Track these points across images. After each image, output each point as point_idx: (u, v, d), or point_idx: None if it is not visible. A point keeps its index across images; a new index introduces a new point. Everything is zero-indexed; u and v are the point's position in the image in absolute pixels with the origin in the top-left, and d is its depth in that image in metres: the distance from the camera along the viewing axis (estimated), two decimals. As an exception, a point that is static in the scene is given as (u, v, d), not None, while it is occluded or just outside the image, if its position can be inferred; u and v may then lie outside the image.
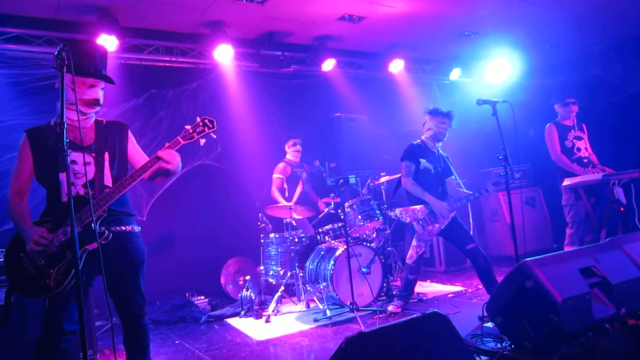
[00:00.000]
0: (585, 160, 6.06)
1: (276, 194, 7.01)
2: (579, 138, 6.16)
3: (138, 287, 3.46)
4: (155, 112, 6.92)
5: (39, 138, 3.30)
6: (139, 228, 3.54)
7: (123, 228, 3.39)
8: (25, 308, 4.26)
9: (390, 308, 5.56)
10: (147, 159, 3.53)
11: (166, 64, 7.03)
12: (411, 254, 5.45)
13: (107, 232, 3.15)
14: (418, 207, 5.37)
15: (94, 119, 3.46)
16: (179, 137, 3.41)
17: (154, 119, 6.81)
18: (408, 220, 5.40)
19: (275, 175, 7.11)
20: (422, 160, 5.50)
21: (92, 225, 3.05)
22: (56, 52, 2.85)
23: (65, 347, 3.19)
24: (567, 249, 5.94)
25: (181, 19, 6.63)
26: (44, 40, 6.07)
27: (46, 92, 5.91)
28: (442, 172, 5.60)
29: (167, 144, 3.36)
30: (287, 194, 7.06)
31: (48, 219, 3.21)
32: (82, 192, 3.24)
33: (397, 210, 5.50)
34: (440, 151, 5.70)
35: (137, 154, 3.61)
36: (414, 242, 5.44)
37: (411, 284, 5.66)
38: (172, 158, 3.33)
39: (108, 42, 6.01)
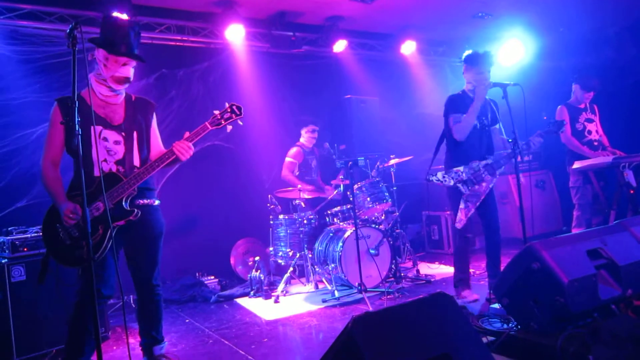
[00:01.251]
0: (596, 144, 6.02)
1: (289, 176, 7.05)
2: (590, 120, 6.11)
3: (155, 258, 3.65)
4: (166, 91, 6.92)
5: (69, 108, 3.35)
6: (159, 202, 3.70)
7: (145, 201, 3.54)
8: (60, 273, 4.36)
9: (467, 294, 5.12)
10: (159, 141, 3.71)
11: (177, 43, 7.02)
12: (460, 217, 4.95)
13: (136, 210, 3.31)
14: (461, 168, 4.98)
15: (124, 95, 3.54)
16: (206, 123, 3.49)
17: (165, 98, 6.82)
18: (452, 183, 4.97)
19: (288, 159, 7.12)
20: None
21: (122, 203, 3.29)
22: (68, 30, 2.86)
23: (101, 308, 3.52)
24: (574, 231, 5.93)
25: (192, -3, 6.61)
26: (57, 17, 6.06)
27: (58, 69, 5.93)
28: (489, 123, 5.08)
29: (187, 134, 3.45)
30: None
31: (80, 193, 3.24)
32: (114, 169, 3.38)
33: (440, 175, 5.02)
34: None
35: (154, 136, 3.69)
36: (461, 205, 4.94)
37: (464, 254, 5.19)
38: (187, 152, 3.44)
39: (119, 20, 6.03)
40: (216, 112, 3.50)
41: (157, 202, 3.69)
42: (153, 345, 3.67)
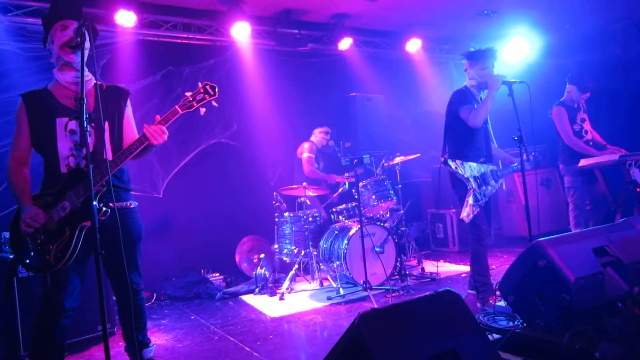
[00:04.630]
0: (591, 143, 5.93)
1: (316, 172, 7.07)
2: (584, 120, 6.03)
3: (135, 263, 3.44)
4: (172, 89, 6.92)
5: (34, 102, 3.20)
6: (136, 203, 3.48)
7: (121, 204, 3.31)
8: (30, 284, 4.20)
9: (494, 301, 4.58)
10: (134, 131, 3.48)
11: (183, 41, 7.04)
12: (468, 212, 4.71)
13: (105, 208, 3.01)
14: (474, 164, 4.82)
15: (93, 82, 3.29)
16: (177, 107, 3.20)
17: (171, 96, 6.82)
18: (467, 174, 4.74)
19: (307, 155, 7.09)
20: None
21: (92, 201, 2.87)
22: (76, 28, 2.86)
23: (65, 323, 3.18)
24: (574, 230, 5.88)
25: (199, -5, 6.62)
26: (64, 14, 6.08)
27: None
28: (485, 121, 4.94)
29: (158, 117, 3.17)
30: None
31: (48, 193, 3.13)
32: (82, 164, 3.14)
33: (458, 162, 4.78)
34: (483, 97, 4.95)
35: (128, 125, 3.45)
36: (470, 200, 4.73)
37: (481, 257, 4.82)
38: (160, 136, 3.15)
39: (127, 17, 6.06)
40: (188, 93, 3.21)
41: (134, 204, 3.44)
42: (142, 350, 3.49)
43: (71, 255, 3.00)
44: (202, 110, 3.25)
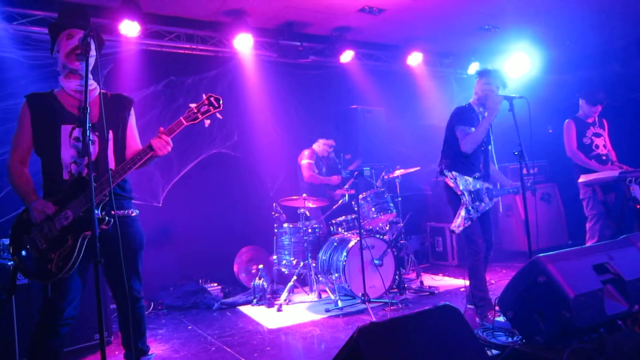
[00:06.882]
0: (604, 158, 5.98)
1: (315, 176, 7.10)
2: (598, 135, 6.08)
3: (136, 271, 3.44)
4: (174, 99, 6.96)
5: (39, 105, 3.20)
6: (138, 211, 3.49)
7: (123, 212, 3.32)
8: (31, 291, 4.24)
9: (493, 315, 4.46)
10: (137, 140, 3.48)
11: (186, 52, 7.08)
12: (459, 224, 4.72)
13: (107, 217, 3.01)
14: (470, 179, 4.81)
15: (98, 91, 3.29)
16: (181, 118, 3.20)
17: (173, 105, 6.85)
18: (461, 187, 4.73)
19: (306, 161, 7.15)
20: (472, 129, 4.81)
21: (93, 210, 2.84)
22: (82, 37, 2.87)
23: (64, 332, 3.16)
24: (589, 243, 5.88)
25: (202, 6, 6.65)
26: (68, 24, 6.11)
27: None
28: (486, 141, 4.98)
29: (161, 129, 3.18)
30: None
31: (49, 201, 3.10)
32: (85, 172, 3.14)
33: (455, 173, 4.77)
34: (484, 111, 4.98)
35: (131, 135, 3.46)
36: (462, 213, 4.73)
37: (478, 271, 4.81)
38: (164, 148, 3.16)
39: (131, 27, 6.08)
40: (192, 105, 3.21)
41: (135, 213, 3.44)
42: (140, 357, 3.48)
43: (73, 264, 2.99)
44: (207, 122, 3.25)
